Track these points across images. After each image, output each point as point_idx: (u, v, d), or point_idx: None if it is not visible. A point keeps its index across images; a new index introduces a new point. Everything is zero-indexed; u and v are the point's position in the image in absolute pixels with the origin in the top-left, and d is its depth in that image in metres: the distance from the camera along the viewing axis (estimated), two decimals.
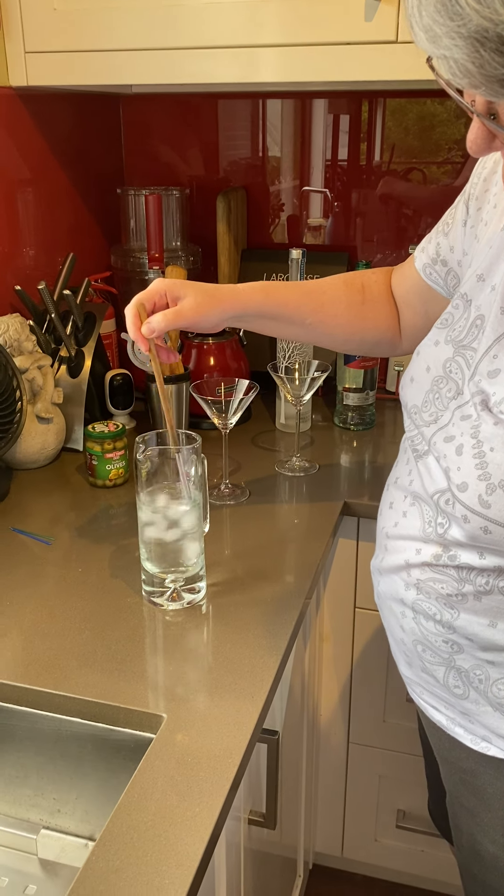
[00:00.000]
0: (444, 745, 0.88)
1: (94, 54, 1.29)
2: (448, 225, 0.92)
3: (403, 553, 0.81)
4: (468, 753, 0.83)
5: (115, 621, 0.93)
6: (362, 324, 1.03)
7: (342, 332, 1.03)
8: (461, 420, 0.74)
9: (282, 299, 0.99)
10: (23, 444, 1.31)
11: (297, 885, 1.43)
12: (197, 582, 0.97)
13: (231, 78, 1.25)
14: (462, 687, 0.80)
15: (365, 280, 1.05)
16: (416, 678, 0.87)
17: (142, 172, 1.80)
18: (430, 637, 0.80)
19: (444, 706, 0.84)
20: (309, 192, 1.74)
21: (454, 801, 0.90)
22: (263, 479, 1.31)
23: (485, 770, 0.82)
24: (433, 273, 0.95)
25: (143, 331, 0.90)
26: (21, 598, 0.98)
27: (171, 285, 0.93)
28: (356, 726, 1.41)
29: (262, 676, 0.84)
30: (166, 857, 0.63)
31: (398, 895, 1.56)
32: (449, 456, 0.73)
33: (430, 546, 0.78)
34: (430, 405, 0.80)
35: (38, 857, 0.84)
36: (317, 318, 1.01)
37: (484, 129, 0.61)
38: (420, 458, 0.80)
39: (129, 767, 0.81)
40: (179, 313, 0.91)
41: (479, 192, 0.84)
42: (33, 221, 1.50)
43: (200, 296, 0.92)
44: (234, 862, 0.89)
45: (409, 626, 0.82)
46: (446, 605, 0.77)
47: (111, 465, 1.26)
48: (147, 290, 0.93)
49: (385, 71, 1.17)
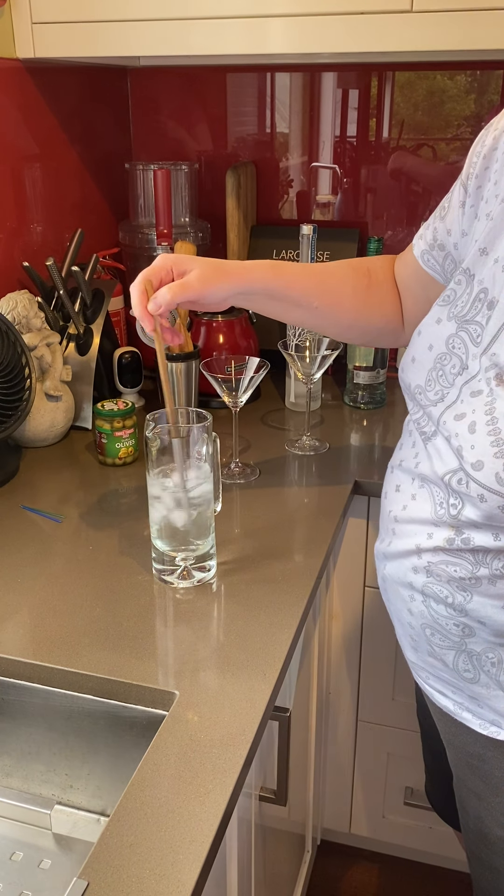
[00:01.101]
0: (450, 730, 0.87)
1: (102, 25, 1.27)
2: (445, 209, 0.90)
3: (414, 537, 0.80)
4: (476, 738, 0.83)
5: (126, 599, 0.93)
6: (367, 309, 1.02)
7: (347, 317, 1.02)
8: (471, 396, 0.73)
9: (290, 279, 0.97)
10: (32, 422, 1.30)
11: (305, 861, 1.45)
12: (207, 560, 0.96)
13: (241, 49, 1.23)
14: (472, 671, 0.79)
15: (371, 265, 1.04)
16: (423, 663, 0.86)
17: (150, 147, 1.78)
18: (441, 621, 0.79)
19: (451, 691, 0.84)
20: (318, 168, 1.72)
21: (461, 785, 0.89)
22: (273, 458, 1.30)
23: (493, 754, 0.82)
24: (430, 259, 0.93)
25: (150, 307, 0.88)
26: (32, 576, 0.98)
27: (177, 260, 0.91)
28: (365, 704, 1.41)
29: (275, 654, 0.84)
30: (180, 833, 0.63)
31: (405, 871, 1.58)
32: (461, 434, 0.72)
33: (442, 529, 0.76)
34: (433, 383, 0.78)
35: (53, 832, 0.85)
36: (323, 301, 0.99)
37: None
38: (428, 439, 0.79)
39: (140, 744, 0.81)
40: (185, 285, 0.89)
41: (479, 170, 0.82)
42: (41, 197, 1.49)
43: (207, 269, 0.91)
44: (244, 838, 0.89)
45: (419, 609, 0.81)
46: (459, 588, 0.76)
47: (121, 443, 1.25)
48: (152, 266, 0.91)
49: (400, 41, 1.14)
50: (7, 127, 1.37)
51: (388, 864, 1.59)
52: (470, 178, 0.84)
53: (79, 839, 0.83)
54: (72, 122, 1.55)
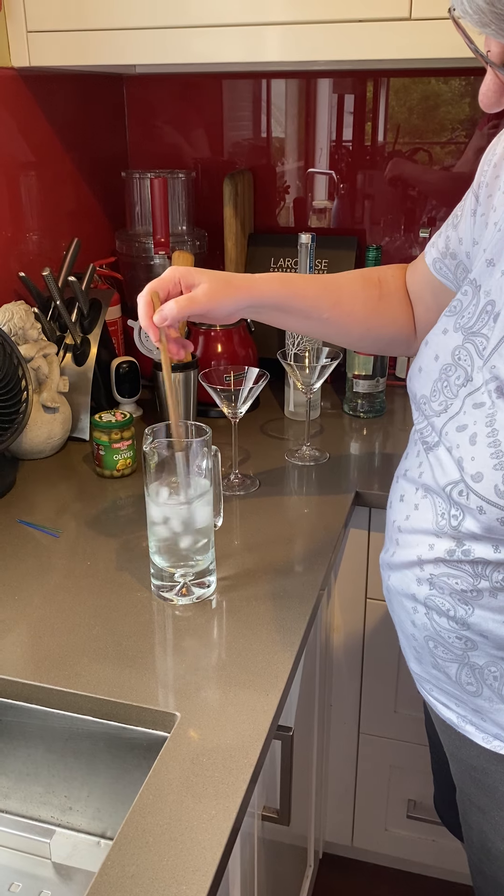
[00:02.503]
0: (454, 743, 0.86)
1: (97, 33, 1.26)
2: (458, 217, 0.90)
3: (416, 548, 0.79)
4: (479, 751, 0.82)
5: (125, 616, 0.92)
6: (379, 320, 1.01)
7: (358, 328, 1.01)
8: (473, 408, 0.72)
9: (299, 291, 0.96)
10: (29, 434, 1.29)
11: (307, 875, 1.43)
12: (207, 576, 0.95)
13: (237, 57, 1.22)
14: (475, 684, 0.78)
15: (382, 275, 1.03)
16: (427, 675, 0.85)
17: (146, 155, 1.77)
18: (443, 633, 0.78)
19: (454, 703, 0.83)
20: (314, 174, 1.71)
21: (464, 798, 0.88)
22: (273, 468, 1.29)
23: (496, 768, 0.81)
24: (443, 267, 0.93)
25: (156, 319, 0.88)
26: (29, 592, 0.97)
27: (185, 273, 0.90)
28: (367, 716, 1.40)
29: (277, 673, 0.82)
30: (183, 862, 0.62)
31: (408, 884, 1.56)
32: (462, 446, 0.72)
33: (444, 540, 0.76)
34: (438, 394, 0.78)
35: (52, 861, 0.83)
36: (334, 312, 0.98)
37: (497, 81, 0.59)
38: (430, 449, 0.78)
39: (141, 765, 0.80)
40: (193, 300, 0.88)
41: (490, 178, 0.82)
42: (37, 206, 1.48)
43: (215, 283, 0.90)
44: (247, 857, 0.88)
45: (421, 621, 0.80)
46: (460, 601, 0.75)
47: (119, 455, 1.24)
48: (160, 278, 0.90)
49: (399, 49, 1.13)
50: (2, 136, 1.36)
51: (390, 878, 1.57)
52: (481, 186, 0.84)
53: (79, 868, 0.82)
54: (67, 131, 1.54)
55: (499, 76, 0.58)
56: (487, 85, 0.60)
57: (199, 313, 0.90)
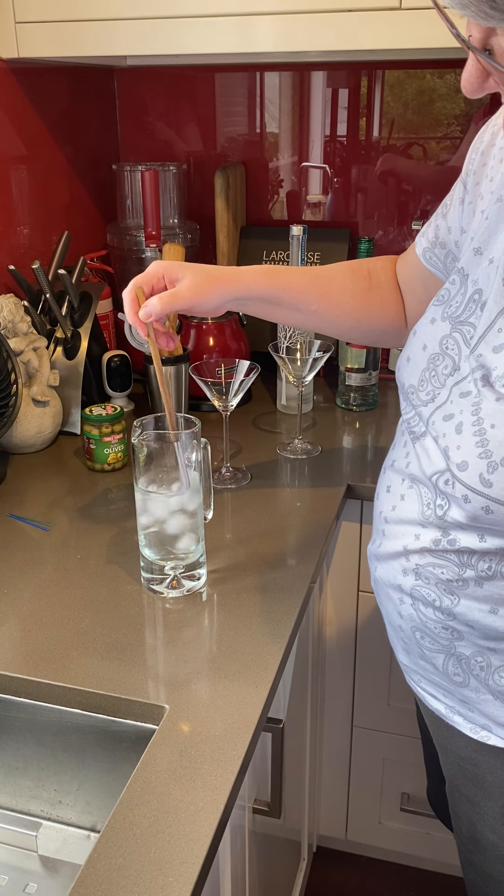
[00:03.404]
0: (442, 734, 0.86)
1: (86, 24, 1.25)
2: (447, 206, 0.90)
3: (402, 539, 0.79)
4: (467, 742, 0.82)
5: (115, 609, 0.92)
6: (368, 311, 1.00)
7: (347, 320, 1.00)
8: (460, 397, 0.72)
9: (286, 283, 0.96)
10: (19, 428, 1.28)
11: (301, 868, 1.43)
12: (197, 569, 0.95)
13: (228, 48, 1.21)
14: (462, 674, 0.78)
15: (371, 267, 1.02)
16: (415, 666, 0.85)
17: (138, 148, 1.76)
18: (430, 624, 0.78)
19: (442, 694, 0.83)
20: (308, 168, 1.70)
21: (453, 789, 0.88)
22: (265, 461, 1.29)
23: (484, 759, 0.81)
24: (433, 257, 0.93)
25: (141, 315, 0.88)
26: (19, 586, 0.96)
27: (168, 267, 0.90)
28: (360, 709, 1.40)
29: (266, 665, 0.82)
30: (170, 854, 0.62)
31: (402, 877, 1.56)
32: (448, 435, 0.71)
33: (430, 530, 0.76)
34: (426, 384, 0.78)
35: (39, 854, 0.83)
36: (322, 304, 0.98)
37: (479, 66, 0.58)
38: (417, 439, 0.78)
39: (131, 758, 0.79)
40: (176, 295, 0.88)
41: (477, 166, 0.82)
42: (27, 199, 1.47)
43: (199, 277, 0.90)
44: (238, 849, 0.88)
45: (408, 612, 0.80)
46: (446, 591, 0.75)
47: (109, 448, 1.23)
48: (144, 273, 0.90)
49: (389, 39, 1.13)
50: None
51: (384, 870, 1.57)
52: (468, 174, 0.84)
53: (66, 861, 0.82)
54: (58, 123, 1.53)
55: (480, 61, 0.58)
56: (469, 70, 0.59)
57: (183, 308, 0.90)
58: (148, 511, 0.91)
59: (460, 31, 0.56)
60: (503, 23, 0.52)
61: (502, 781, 0.80)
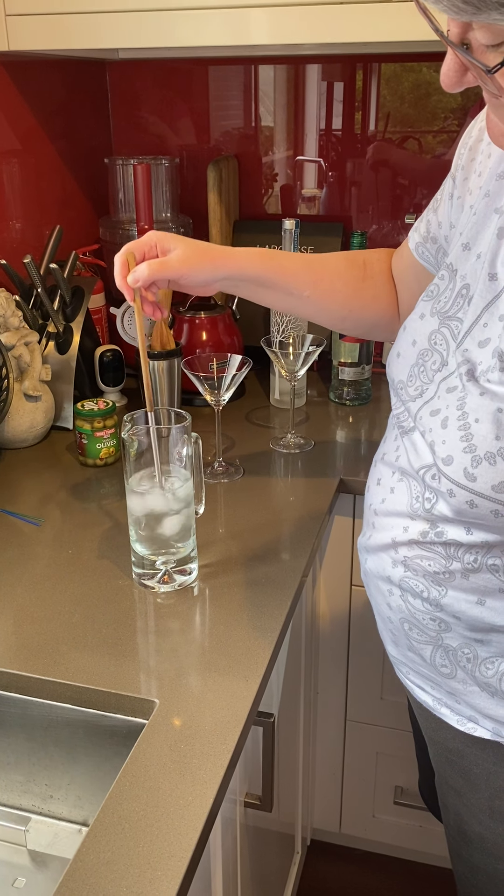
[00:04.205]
0: (431, 726, 0.87)
1: (77, 16, 1.24)
2: (437, 201, 0.90)
3: (391, 531, 0.79)
4: (454, 734, 0.82)
5: (106, 604, 0.91)
6: (361, 301, 1.00)
7: (340, 308, 1.00)
8: (447, 392, 0.72)
9: (280, 267, 0.96)
10: (11, 423, 1.28)
11: (295, 862, 1.43)
12: (188, 564, 0.95)
13: (221, 41, 1.21)
14: (449, 666, 0.79)
15: (367, 258, 1.02)
16: (403, 658, 0.85)
17: (130, 141, 1.75)
18: (418, 615, 0.79)
19: (430, 686, 0.83)
20: (303, 162, 1.69)
21: (442, 781, 0.89)
22: (258, 456, 1.28)
23: (471, 751, 0.81)
24: (425, 252, 0.93)
25: (129, 280, 0.88)
26: (10, 581, 0.96)
27: (162, 237, 0.91)
28: (353, 703, 1.40)
29: (257, 658, 0.82)
30: (158, 848, 0.62)
31: (396, 870, 1.57)
32: (434, 430, 0.72)
33: (418, 522, 0.76)
34: (415, 379, 0.78)
35: (28, 849, 0.83)
36: (315, 290, 0.98)
37: (457, 60, 0.58)
38: (406, 434, 0.78)
39: (121, 753, 0.79)
40: (165, 263, 0.88)
41: (466, 161, 0.82)
42: (18, 193, 1.46)
43: (191, 250, 0.90)
44: (229, 843, 0.88)
45: (396, 603, 0.81)
46: (434, 582, 0.76)
47: (101, 443, 1.23)
48: (137, 240, 0.91)
49: (380, 32, 1.12)
50: None
51: (378, 864, 1.58)
52: (458, 169, 0.84)
53: (55, 856, 0.82)
54: (49, 117, 1.52)
55: (458, 56, 0.57)
56: (448, 65, 0.59)
57: (171, 277, 0.90)
58: (139, 506, 0.91)
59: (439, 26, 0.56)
60: (475, 17, 0.52)
61: (489, 773, 0.80)
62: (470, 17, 0.52)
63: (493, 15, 0.51)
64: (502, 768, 0.79)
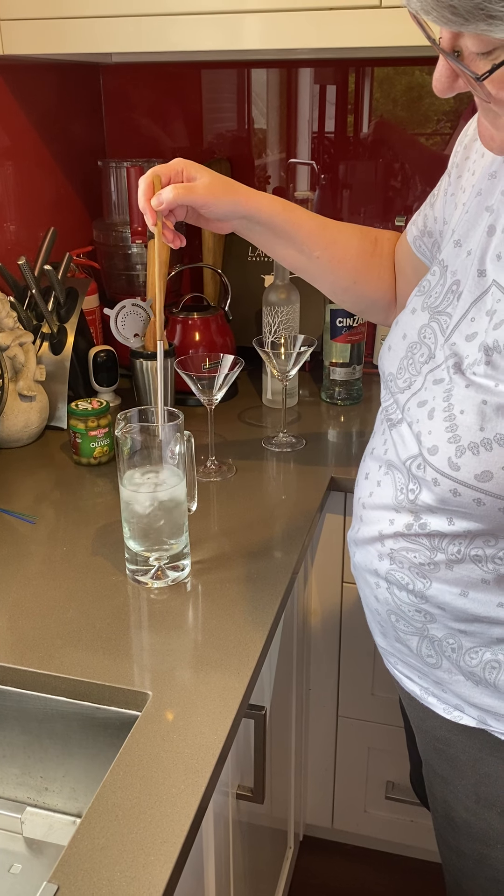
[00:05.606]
0: (418, 715, 0.89)
1: (71, 21, 1.25)
2: (434, 196, 0.92)
3: (378, 524, 0.81)
4: (441, 722, 0.84)
5: (100, 600, 0.93)
6: (367, 275, 1.03)
7: (346, 277, 1.02)
8: (433, 384, 0.74)
9: (298, 221, 0.98)
10: (5, 423, 1.29)
11: (287, 857, 1.45)
12: (181, 560, 0.96)
13: (214, 45, 1.22)
14: (435, 656, 0.81)
15: (379, 235, 1.05)
16: (391, 648, 0.87)
17: (124, 144, 1.77)
18: (403, 607, 0.81)
19: (417, 676, 0.85)
20: (295, 165, 1.71)
21: (429, 769, 0.91)
22: (250, 455, 1.30)
23: (457, 738, 0.83)
24: (422, 245, 0.95)
25: (153, 202, 0.89)
26: (5, 578, 0.97)
27: (189, 165, 0.92)
28: (345, 699, 1.42)
29: (249, 652, 0.84)
30: (151, 834, 0.63)
31: (388, 865, 1.58)
32: (421, 420, 0.74)
33: (403, 515, 0.78)
34: (404, 371, 0.80)
35: (24, 836, 0.84)
36: (325, 253, 1.00)
37: (448, 67, 0.60)
38: (394, 426, 0.80)
39: (115, 745, 0.81)
40: (191, 189, 0.90)
41: (461, 159, 0.84)
42: (13, 195, 1.47)
43: (217, 180, 0.92)
44: (222, 836, 0.89)
45: (384, 596, 0.83)
46: (419, 574, 0.78)
47: (95, 442, 1.25)
48: (165, 165, 0.92)
49: (369, 37, 1.14)
50: None
51: (370, 858, 1.60)
52: (453, 166, 0.86)
53: (50, 843, 0.83)
54: (44, 120, 1.54)
55: (449, 63, 0.59)
56: (440, 71, 0.61)
57: (195, 204, 0.91)
58: (132, 503, 0.92)
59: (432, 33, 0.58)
60: (464, 27, 0.54)
61: (474, 760, 0.82)
62: (459, 28, 0.54)
63: (480, 26, 0.53)
64: (487, 755, 0.81)
